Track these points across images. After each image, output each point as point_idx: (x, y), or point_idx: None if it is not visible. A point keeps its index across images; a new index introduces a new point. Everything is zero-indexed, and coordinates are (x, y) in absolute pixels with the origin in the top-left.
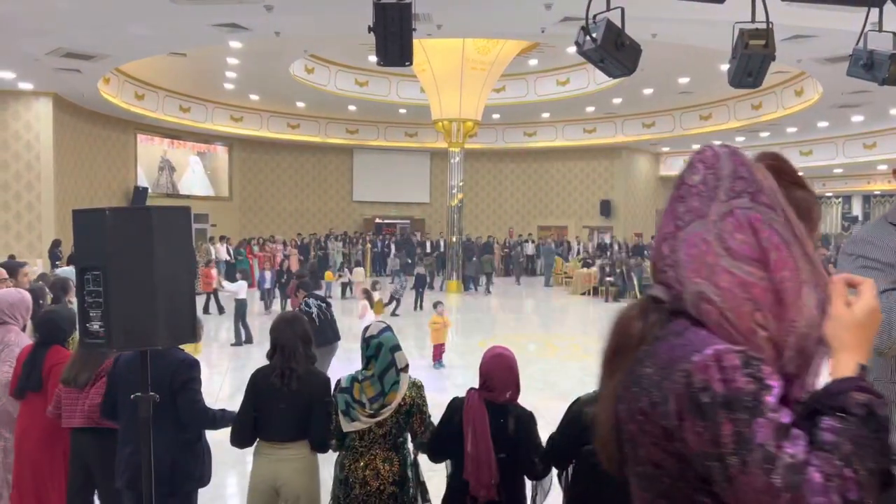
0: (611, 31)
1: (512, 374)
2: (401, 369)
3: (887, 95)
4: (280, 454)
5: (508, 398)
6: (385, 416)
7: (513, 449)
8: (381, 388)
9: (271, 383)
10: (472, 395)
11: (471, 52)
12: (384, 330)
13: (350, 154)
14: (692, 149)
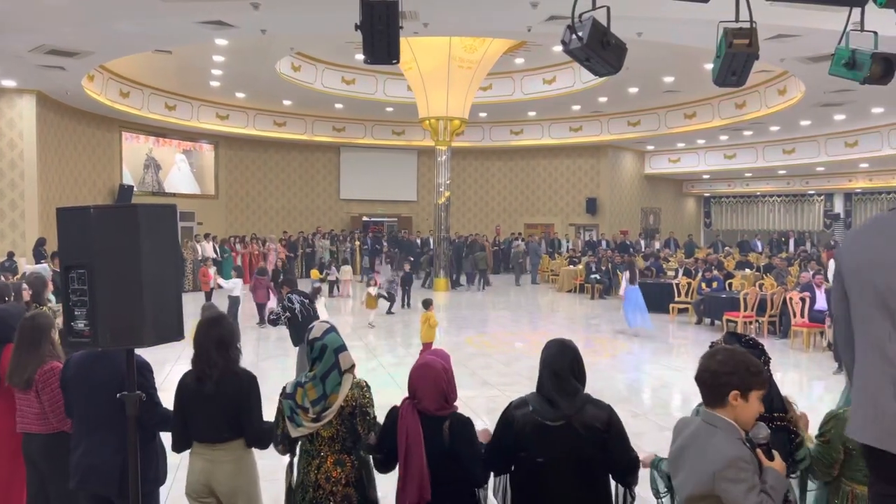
0: (597, 29)
1: (436, 385)
2: (345, 371)
3: (868, 94)
4: (213, 455)
5: (440, 409)
6: (328, 419)
7: (450, 459)
8: (323, 391)
9: (189, 386)
10: (406, 406)
11: (458, 50)
12: (328, 331)
13: (337, 152)
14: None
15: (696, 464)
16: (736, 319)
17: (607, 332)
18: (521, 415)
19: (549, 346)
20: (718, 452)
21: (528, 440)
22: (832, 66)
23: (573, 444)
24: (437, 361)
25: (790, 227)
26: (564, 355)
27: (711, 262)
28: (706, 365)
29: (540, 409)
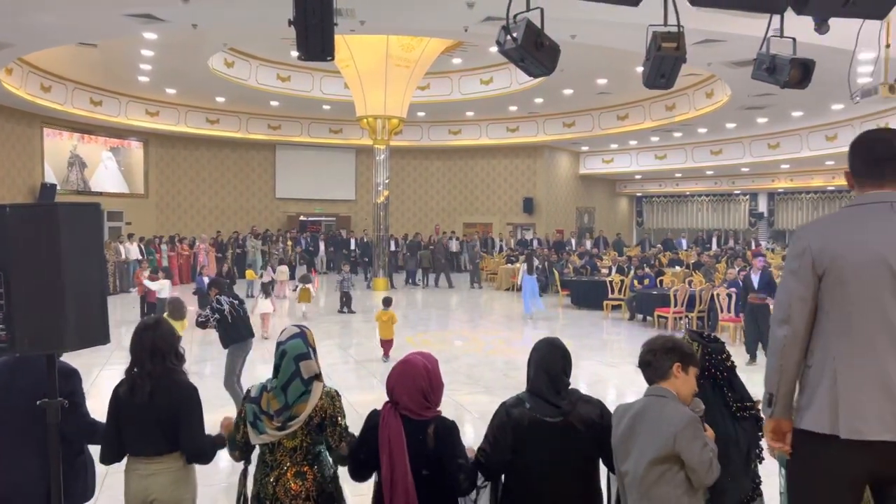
0: (530, 31)
1: (415, 384)
2: (308, 379)
3: (789, 98)
4: (149, 468)
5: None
6: (294, 429)
7: (435, 465)
8: (285, 401)
9: (122, 397)
10: (387, 410)
11: (395, 49)
12: (294, 336)
13: (272, 150)
14: (610, 148)
15: (653, 431)
16: (667, 315)
17: (545, 330)
18: (518, 413)
19: (539, 345)
20: (676, 415)
21: (526, 439)
22: (754, 71)
23: (573, 441)
24: (418, 360)
25: (717, 226)
26: (555, 354)
27: (645, 260)
28: (648, 348)
29: (538, 407)
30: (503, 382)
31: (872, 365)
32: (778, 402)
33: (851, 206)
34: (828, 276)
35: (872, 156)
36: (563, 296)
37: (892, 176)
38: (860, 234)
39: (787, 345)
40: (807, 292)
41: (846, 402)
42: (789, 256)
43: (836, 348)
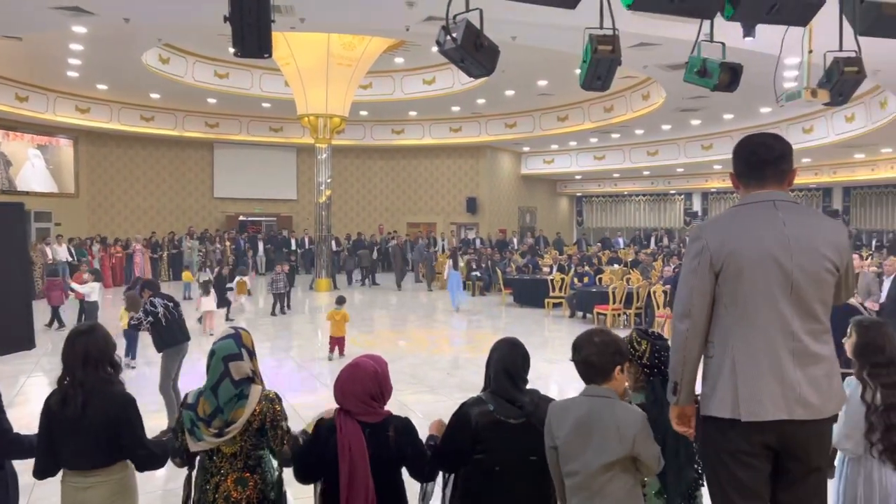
0: (470, 31)
1: (363, 386)
2: (239, 381)
3: (720, 101)
4: (86, 481)
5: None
6: (232, 435)
7: (394, 466)
8: (216, 404)
9: (52, 409)
10: (341, 417)
11: (336, 47)
12: (226, 337)
13: (210, 149)
14: (551, 148)
15: (610, 435)
16: (606, 312)
17: (488, 328)
18: (478, 413)
19: (499, 345)
20: (631, 416)
21: (486, 439)
22: (686, 74)
23: (533, 441)
24: (367, 363)
25: (654, 225)
26: (515, 354)
27: (586, 258)
28: (590, 348)
29: (499, 407)
30: (447, 382)
31: (766, 353)
32: (682, 390)
33: (740, 206)
34: (725, 271)
35: (755, 158)
36: (506, 294)
37: (772, 177)
38: (751, 231)
39: (689, 337)
40: (706, 287)
41: (745, 389)
42: (688, 255)
43: (734, 339)
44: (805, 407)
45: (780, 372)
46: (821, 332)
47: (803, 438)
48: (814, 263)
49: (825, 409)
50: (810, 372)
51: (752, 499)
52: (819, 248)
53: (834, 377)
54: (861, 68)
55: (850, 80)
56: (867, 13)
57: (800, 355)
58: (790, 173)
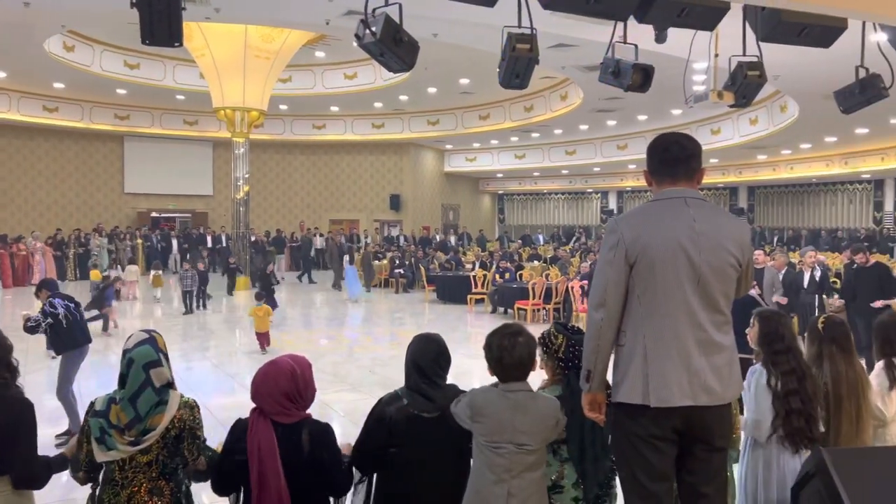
0: (389, 26)
1: (277, 386)
2: (161, 388)
3: (635, 103)
4: None
5: (285, 413)
6: (149, 443)
7: (310, 470)
8: (135, 413)
9: None
10: (255, 416)
11: (254, 39)
12: (141, 342)
13: (120, 142)
14: (473, 146)
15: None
16: (526, 307)
17: (411, 326)
18: (394, 409)
19: (415, 340)
20: (552, 404)
21: (402, 434)
22: (601, 74)
23: (449, 436)
24: (285, 362)
25: (572, 223)
26: (430, 349)
27: (507, 255)
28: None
29: (414, 402)
30: (369, 379)
31: (675, 342)
32: (595, 377)
33: (654, 202)
34: (638, 263)
35: (668, 156)
36: (429, 291)
37: (684, 174)
38: (663, 226)
39: (604, 327)
40: (620, 278)
41: (654, 376)
42: (604, 247)
43: (645, 328)
44: (709, 393)
45: (688, 360)
46: (723, 323)
47: (708, 422)
48: (719, 259)
49: (726, 395)
50: (714, 360)
51: (660, 481)
52: (724, 245)
53: (734, 365)
54: (762, 72)
55: (753, 84)
56: (768, 20)
57: (705, 345)
58: (700, 171)
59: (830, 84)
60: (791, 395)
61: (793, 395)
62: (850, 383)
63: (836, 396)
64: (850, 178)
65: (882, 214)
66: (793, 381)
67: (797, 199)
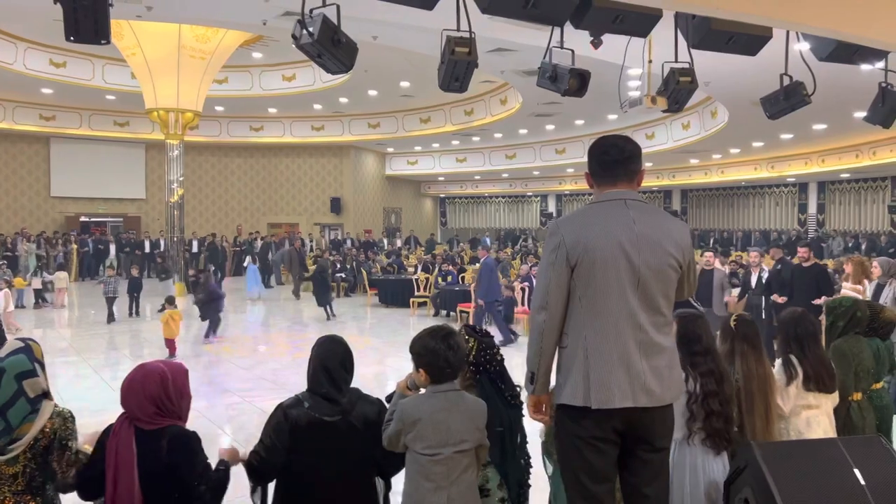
0: (327, 26)
1: (145, 390)
2: (36, 398)
3: (572, 108)
4: None
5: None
6: (16, 453)
7: (167, 478)
8: (6, 424)
9: None
10: (119, 421)
11: (188, 39)
12: (15, 351)
13: (46, 143)
14: (415, 150)
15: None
16: (468, 310)
17: (353, 330)
18: (296, 413)
19: (319, 342)
20: (480, 404)
21: (304, 439)
22: (538, 79)
23: (349, 440)
24: (155, 366)
25: (513, 225)
26: (335, 350)
27: (449, 258)
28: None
29: (316, 405)
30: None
31: (616, 344)
32: (538, 379)
33: (594, 204)
34: (579, 265)
35: (607, 158)
36: (371, 295)
37: (623, 176)
38: (603, 228)
39: (546, 329)
40: (562, 280)
41: (595, 378)
42: (546, 250)
43: (587, 330)
44: (648, 395)
45: (628, 362)
46: (663, 325)
47: (648, 423)
48: (659, 260)
49: (665, 396)
50: (654, 362)
51: (602, 482)
52: (664, 246)
53: (674, 367)
54: (694, 78)
55: (685, 89)
56: (698, 28)
57: (645, 346)
58: (639, 173)
59: (757, 91)
60: (710, 398)
61: (712, 398)
62: (761, 380)
63: (749, 394)
64: (776, 181)
65: (806, 216)
66: (711, 382)
67: (728, 201)
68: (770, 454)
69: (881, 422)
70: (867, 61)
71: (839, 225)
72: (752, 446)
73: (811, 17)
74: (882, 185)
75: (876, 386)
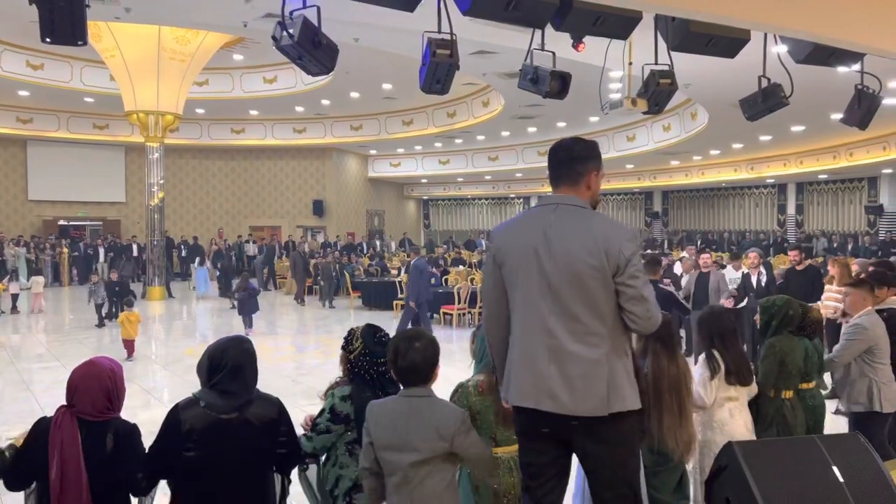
0: (307, 28)
1: (101, 384)
2: None
3: (554, 110)
4: None
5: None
6: None
7: (111, 469)
8: None
9: None
10: (61, 413)
11: (168, 41)
12: None
13: (23, 146)
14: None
15: (428, 433)
16: (452, 312)
17: (337, 333)
18: (190, 414)
19: (219, 341)
20: (450, 415)
21: (199, 437)
22: (520, 81)
23: (246, 438)
24: (104, 361)
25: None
26: (230, 350)
27: (433, 260)
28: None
29: (212, 403)
30: (291, 389)
31: (527, 346)
32: (498, 373)
33: (531, 208)
34: (503, 269)
35: (553, 160)
36: (355, 297)
37: (566, 178)
38: (522, 233)
39: (487, 324)
40: (491, 280)
41: (512, 375)
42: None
43: (515, 330)
44: (553, 400)
45: (533, 364)
46: (585, 334)
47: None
48: (571, 267)
49: (577, 407)
50: (565, 369)
51: (536, 478)
52: (576, 253)
53: (594, 379)
54: (674, 80)
55: (665, 91)
56: (678, 30)
57: (555, 352)
58: (587, 176)
59: (736, 93)
60: None
61: None
62: (672, 378)
63: (657, 391)
64: (755, 182)
65: (785, 217)
66: None
67: (708, 202)
68: (750, 453)
69: (815, 422)
70: (844, 63)
71: (818, 225)
72: (732, 445)
73: (788, 20)
74: (859, 186)
75: (807, 385)
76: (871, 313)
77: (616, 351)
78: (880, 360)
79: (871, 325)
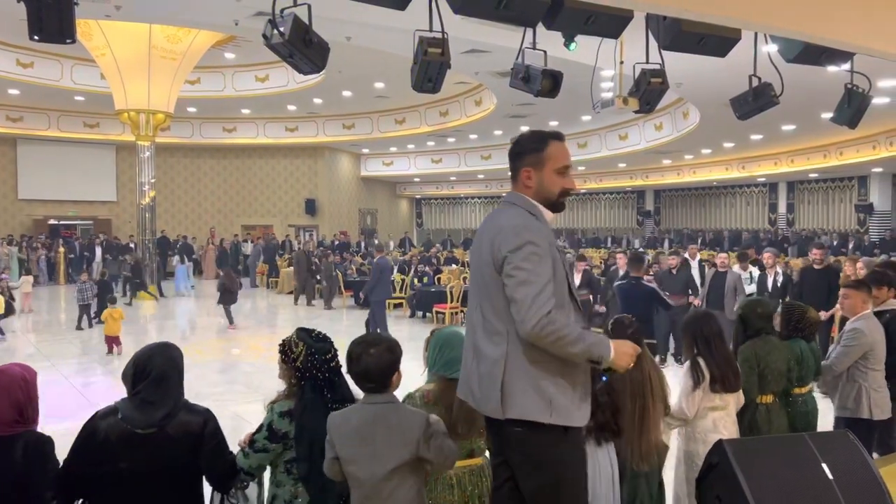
0: (298, 26)
1: (10, 394)
2: None
3: (546, 109)
4: None
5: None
6: None
7: (22, 486)
8: None
9: None
10: None
11: (159, 39)
12: None
13: (13, 145)
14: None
15: (392, 440)
16: (444, 311)
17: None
18: (106, 425)
19: (145, 348)
20: (414, 420)
21: (114, 452)
22: (511, 80)
23: (166, 453)
24: (15, 370)
25: None
26: (155, 357)
27: (425, 259)
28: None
29: (130, 416)
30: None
31: (466, 337)
32: None
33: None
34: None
35: (511, 154)
36: (347, 296)
37: (512, 175)
38: (482, 227)
39: None
40: None
41: None
42: None
43: None
44: (472, 395)
45: (465, 359)
46: (492, 333)
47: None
48: (476, 263)
49: (480, 406)
50: (479, 367)
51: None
52: (482, 249)
53: (491, 381)
54: (665, 79)
55: (656, 90)
56: (669, 29)
57: (474, 349)
58: (519, 172)
59: (727, 92)
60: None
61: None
62: (635, 384)
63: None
64: (746, 181)
65: (776, 216)
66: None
67: (700, 201)
68: (740, 451)
69: (805, 428)
70: (833, 63)
71: (808, 224)
72: (722, 444)
73: (778, 19)
74: (849, 185)
75: (800, 390)
76: (869, 317)
77: (518, 352)
78: (873, 365)
79: (869, 330)
